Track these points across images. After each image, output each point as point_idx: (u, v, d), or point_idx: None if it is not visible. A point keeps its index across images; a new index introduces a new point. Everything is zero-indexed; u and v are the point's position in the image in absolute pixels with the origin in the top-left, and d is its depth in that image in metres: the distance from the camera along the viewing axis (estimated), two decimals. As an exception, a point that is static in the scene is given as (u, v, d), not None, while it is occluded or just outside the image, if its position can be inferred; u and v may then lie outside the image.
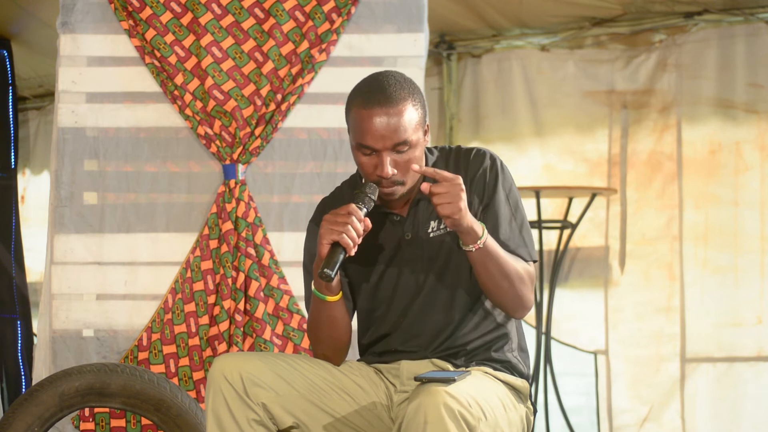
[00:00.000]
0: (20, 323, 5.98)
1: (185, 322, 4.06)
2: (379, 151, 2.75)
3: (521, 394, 2.88)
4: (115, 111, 4.16)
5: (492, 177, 2.84)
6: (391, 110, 2.75)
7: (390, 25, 4.19)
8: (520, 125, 5.98)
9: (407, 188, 2.81)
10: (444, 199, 2.66)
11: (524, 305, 2.83)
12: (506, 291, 2.78)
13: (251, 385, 2.72)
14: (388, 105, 2.75)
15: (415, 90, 2.82)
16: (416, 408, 2.51)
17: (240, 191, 4.08)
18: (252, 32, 4.15)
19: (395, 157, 2.76)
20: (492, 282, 2.76)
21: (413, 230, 2.86)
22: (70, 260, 4.12)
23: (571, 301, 5.86)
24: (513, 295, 2.79)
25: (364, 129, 2.75)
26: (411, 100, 2.78)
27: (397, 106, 2.76)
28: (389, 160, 2.75)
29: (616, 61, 5.80)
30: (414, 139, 2.77)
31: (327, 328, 2.86)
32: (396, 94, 2.77)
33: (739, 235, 5.51)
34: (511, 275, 2.76)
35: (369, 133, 2.75)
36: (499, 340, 2.88)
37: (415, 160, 2.77)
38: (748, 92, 5.54)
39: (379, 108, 2.75)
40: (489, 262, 2.74)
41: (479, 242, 2.71)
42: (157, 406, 3.56)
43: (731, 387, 5.49)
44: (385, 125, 2.74)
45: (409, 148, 2.76)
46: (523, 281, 2.79)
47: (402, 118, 2.75)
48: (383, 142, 2.74)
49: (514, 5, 5.68)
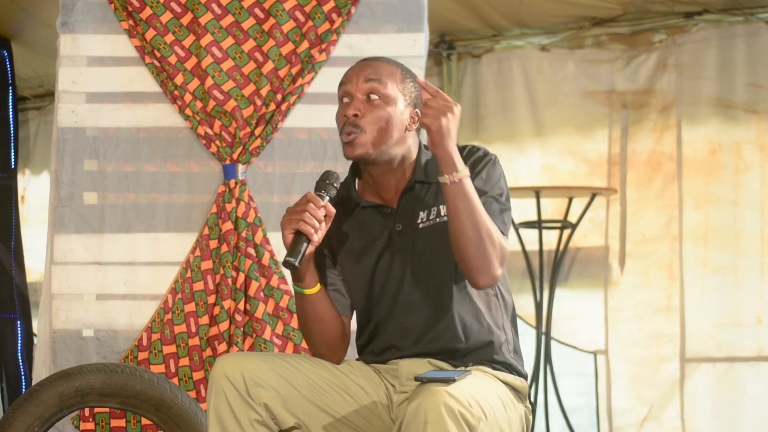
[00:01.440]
0: (20, 323, 5.98)
1: (185, 322, 4.06)
2: (352, 93, 2.80)
3: (520, 393, 2.88)
4: (115, 111, 4.16)
5: (482, 165, 2.83)
6: (373, 62, 2.84)
7: (390, 25, 4.19)
8: (520, 125, 5.98)
9: (369, 144, 2.79)
10: (430, 111, 2.66)
11: (488, 269, 2.71)
12: (472, 242, 2.69)
13: (253, 385, 2.72)
14: (372, 59, 2.85)
15: (411, 73, 2.86)
16: (416, 408, 2.51)
17: (240, 191, 4.08)
18: (252, 32, 4.15)
19: (366, 104, 2.79)
20: (459, 226, 2.68)
21: (404, 221, 2.85)
22: (70, 260, 4.12)
23: (571, 301, 5.86)
24: (478, 251, 2.69)
25: (344, 77, 2.85)
26: (401, 69, 2.85)
27: (381, 61, 2.84)
28: (358, 102, 2.79)
29: (616, 61, 5.80)
30: (389, 93, 2.79)
31: (313, 323, 2.86)
32: (385, 58, 2.86)
33: (739, 235, 5.51)
34: (480, 226, 2.68)
35: (346, 75, 2.84)
36: (494, 340, 2.87)
37: (388, 118, 2.78)
38: (748, 92, 5.54)
39: (362, 61, 2.86)
40: (461, 201, 2.67)
41: (455, 175, 2.67)
42: (157, 406, 3.56)
43: (731, 387, 5.49)
44: (362, 66, 2.84)
45: (380, 100, 2.79)
46: (492, 241, 2.70)
47: (381, 68, 2.82)
48: (356, 80, 2.81)
49: (514, 5, 5.68)
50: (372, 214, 2.88)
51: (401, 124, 2.81)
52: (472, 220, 2.69)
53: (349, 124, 2.78)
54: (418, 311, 2.84)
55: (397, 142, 2.82)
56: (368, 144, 2.79)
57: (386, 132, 2.79)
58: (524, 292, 5.74)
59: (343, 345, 2.91)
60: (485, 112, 6.08)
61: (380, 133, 2.79)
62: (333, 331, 2.88)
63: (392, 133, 2.80)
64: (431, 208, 2.83)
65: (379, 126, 2.78)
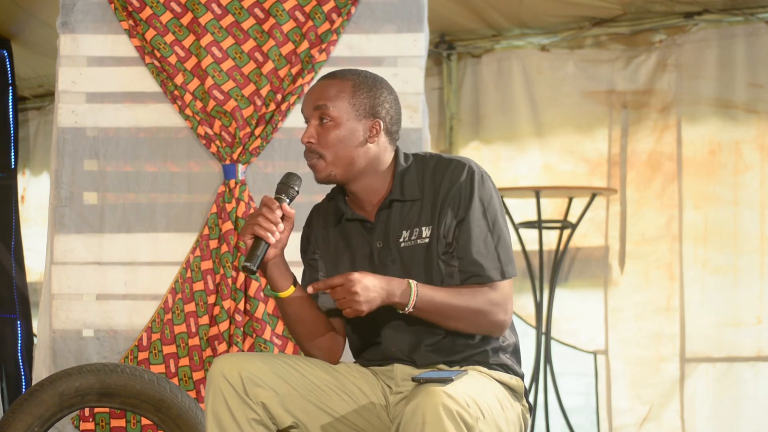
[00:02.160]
0: (20, 323, 5.98)
1: (185, 322, 4.07)
2: (307, 117, 2.84)
3: (516, 392, 2.87)
4: (115, 111, 4.16)
5: (468, 191, 2.79)
6: (323, 82, 2.85)
7: (390, 25, 4.19)
8: (520, 125, 5.98)
9: (330, 166, 2.81)
10: (343, 305, 2.67)
11: (492, 330, 2.80)
12: (464, 328, 2.78)
13: (251, 384, 2.72)
14: (325, 78, 2.86)
15: (366, 81, 2.83)
16: (414, 408, 2.51)
17: (240, 191, 4.08)
18: (252, 32, 4.15)
19: (318, 128, 2.81)
20: (445, 327, 2.77)
21: (384, 238, 2.84)
22: (70, 260, 4.12)
23: (571, 301, 5.85)
24: (475, 329, 2.78)
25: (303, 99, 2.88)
26: (351, 82, 2.83)
27: (330, 79, 2.85)
28: (311, 127, 2.81)
29: (616, 61, 5.80)
30: (335, 114, 2.80)
31: (296, 324, 2.87)
32: (339, 73, 2.86)
33: (739, 235, 5.51)
34: (462, 316, 2.75)
35: (303, 99, 2.87)
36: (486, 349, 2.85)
37: (337, 139, 2.79)
38: (748, 92, 5.54)
39: (317, 82, 2.87)
40: (430, 315, 2.74)
41: (408, 308, 2.71)
42: (157, 406, 3.56)
43: (731, 387, 5.49)
44: (313, 89, 2.85)
45: (330, 122, 2.80)
46: (482, 313, 2.75)
47: (328, 88, 2.82)
48: (308, 106, 2.84)
49: (514, 5, 5.68)
50: (356, 227, 2.88)
51: (356, 140, 2.81)
52: (450, 317, 2.75)
53: (308, 151, 2.83)
54: (405, 328, 2.84)
55: (359, 157, 2.82)
56: (329, 167, 2.82)
57: (343, 151, 2.81)
58: (524, 292, 5.74)
59: (334, 345, 2.90)
60: (485, 112, 6.08)
61: (337, 154, 2.81)
62: (317, 331, 2.88)
63: (349, 151, 2.81)
64: (413, 229, 2.82)
65: (334, 148, 2.81)
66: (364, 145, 2.82)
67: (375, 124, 2.83)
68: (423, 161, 2.87)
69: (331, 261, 2.91)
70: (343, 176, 2.83)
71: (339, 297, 2.66)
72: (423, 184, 2.83)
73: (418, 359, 2.83)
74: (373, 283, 2.67)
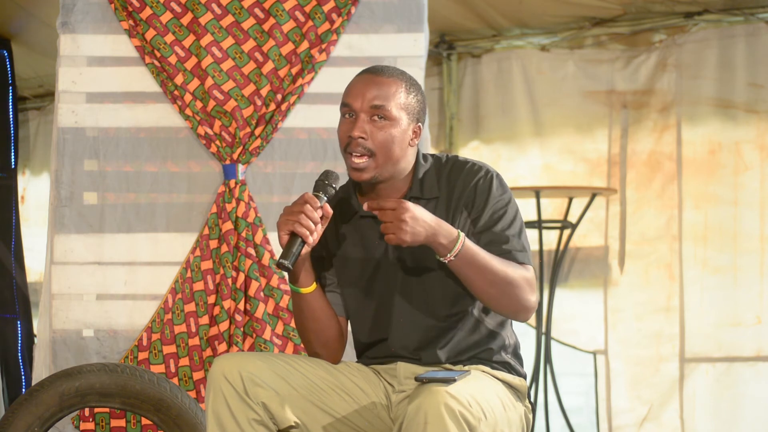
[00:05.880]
0: (20, 323, 5.98)
1: (185, 322, 4.07)
2: (356, 111, 2.76)
3: (519, 392, 2.88)
4: (115, 111, 4.16)
5: (485, 188, 2.81)
6: (378, 78, 2.80)
7: (390, 25, 4.19)
8: (520, 125, 5.98)
9: (378, 167, 2.77)
10: (388, 229, 2.64)
11: (522, 309, 2.76)
12: (495, 297, 2.73)
13: (251, 384, 2.72)
14: (376, 73, 2.81)
15: (415, 84, 2.83)
16: (417, 408, 2.51)
17: (240, 191, 4.08)
18: (252, 32, 4.15)
19: (370, 125, 2.76)
20: (477, 289, 2.73)
21: None
22: (70, 260, 4.12)
23: (570, 301, 5.86)
24: (506, 301, 2.74)
25: (347, 88, 2.81)
26: (404, 83, 2.81)
27: (385, 76, 2.80)
28: (363, 122, 2.76)
29: (616, 61, 5.80)
30: (394, 114, 2.76)
31: (309, 322, 2.86)
32: (389, 70, 2.82)
33: (739, 235, 5.51)
34: (498, 282, 2.71)
35: (350, 89, 2.80)
36: (491, 347, 2.86)
37: (392, 139, 2.76)
38: (748, 92, 5.55)
39: (367, 73, 2.81)
40: (468, 270, 2.69)
41: (450, 255, 2.67)
42: (157, 406, 3.57)
43: (730, 387, 5.49)
44: (367, 83, 2.78)
45: (386, 121, 2.76)
46: (516, 285, 2.73)
47: (386, 86, 2.78)
48: (361, 100, 2.76)
49: (514, 5, 5.69)
50: (371, 225, 2.87)
51: (404, 142, 2.80)
52: (487, 280, 2.70)
53: (355, 145, 2.76)
54: (412, 324, 2.84)
55: (403, 159, 2.82)
56: (379, 168, 2.79)
57: (391, 152, 2.78)
58: (524, 292, 5.73)
59: (339, 345, 2.91)
60: (485, 112, 6.08)
61: (387, 154, 2.78)
62: (329, 330, 2.88)
63: (396, 152, 2.79)
64: None
65: (386, 148, 2.77)
66: (406, 149, 2.82)
67: (417, 128, 2.83)
68: (439, 162, 2.89)
69: (340, 257, 2.90)
70: (386, 177, 2.81)
71: (387, 220, 2.63)
72: (440, 183, 2.83)
73: (423, 357, 2.83)
74: (423, 217, 2.64)
